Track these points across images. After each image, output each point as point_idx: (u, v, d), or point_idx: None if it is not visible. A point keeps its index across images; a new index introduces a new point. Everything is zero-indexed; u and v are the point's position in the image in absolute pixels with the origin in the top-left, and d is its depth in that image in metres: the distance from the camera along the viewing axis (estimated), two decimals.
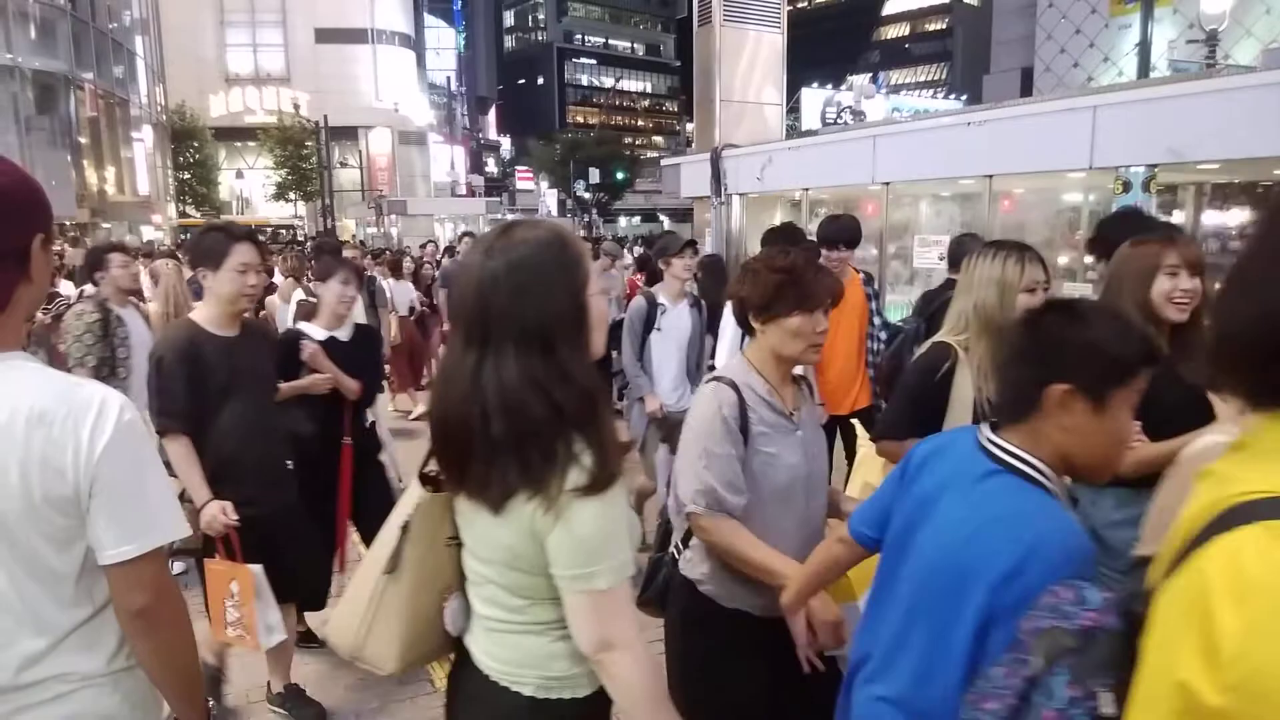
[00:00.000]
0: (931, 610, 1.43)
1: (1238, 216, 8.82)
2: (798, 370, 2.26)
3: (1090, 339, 1.39)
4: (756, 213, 11.09)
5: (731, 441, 2.02)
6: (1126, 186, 6.39)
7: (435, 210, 39.40)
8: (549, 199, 53.60)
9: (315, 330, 3.62)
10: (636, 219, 60.37)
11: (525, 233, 1.40)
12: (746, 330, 2.19)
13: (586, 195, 50.74)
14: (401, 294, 8.69)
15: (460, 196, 50.84)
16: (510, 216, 45.99)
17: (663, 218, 55.74)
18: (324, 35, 44.82)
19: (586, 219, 48.87)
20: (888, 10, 64.09)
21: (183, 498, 2.74)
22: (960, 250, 4.12)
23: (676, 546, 2.22)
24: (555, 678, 1.43)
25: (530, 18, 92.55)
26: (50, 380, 1.31)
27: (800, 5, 67.07)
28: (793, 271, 2.06)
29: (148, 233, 32.01)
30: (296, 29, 44.99)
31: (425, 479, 1.53)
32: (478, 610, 1.49)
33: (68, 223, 24.68)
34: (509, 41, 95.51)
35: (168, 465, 2.73)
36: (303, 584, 3.17)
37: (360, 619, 1.55)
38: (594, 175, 49.30)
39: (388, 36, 46.92)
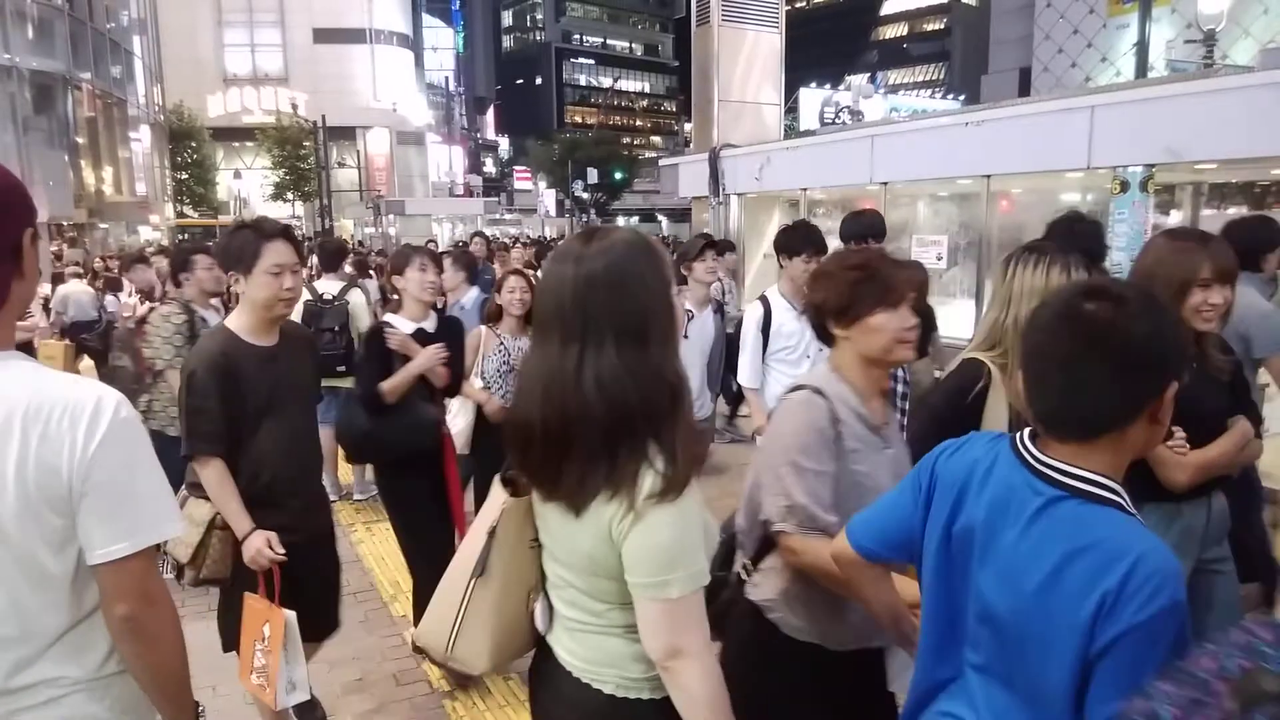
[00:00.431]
0: (1019, 659, 1.30)
1: (1236, 216, 8.81)
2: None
3: (1179, 327, 1.28)
4: (755, 213, 11.08)
5: (826, 457, 1.86)
6: (1124, 186, 6.39)
7: (433, 210, 39.39)
8: (547, 199, 53.56)
9: (402, 322, 3.50)
10: (635, 219, 60.27)
11: (614, 236, 1.45)
12: (825, 340, 2.02)
13: (585, 195, 50.70)
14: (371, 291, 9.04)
15: (458, 196, 50.82)
16: (509, 216, 45.98)
17: (661, 218, 55.73)
18: (322, 35, 44.78)
19: (584, 219, 48.86)
20: (886, 10, 64.10)
21: (214, 524, 2.57)
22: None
23: (744, 568, 2.03)
24: (634, 678, 1.47)
25: (528, 17, 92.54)
26: (46, 378, 1.30)
27: (798, 5, 67.07)
28: (869, 267, 1.94)
29: (145, 233, 31.99)
30: (294, 29, 44.96)
31: (506, 482, 1.57)
32: (560, 611, 1.54)
33: (65, 223, 24.67)
34: (507, 41, 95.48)
35: (198, 486, 2.60)
36: (325, 616, 2.94)
37: (451, 622, 1.59)
38: (592, 175, 49.29)
39: (386, 36, 46.88)
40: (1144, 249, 2.44)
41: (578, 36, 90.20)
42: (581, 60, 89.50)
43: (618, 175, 52.99)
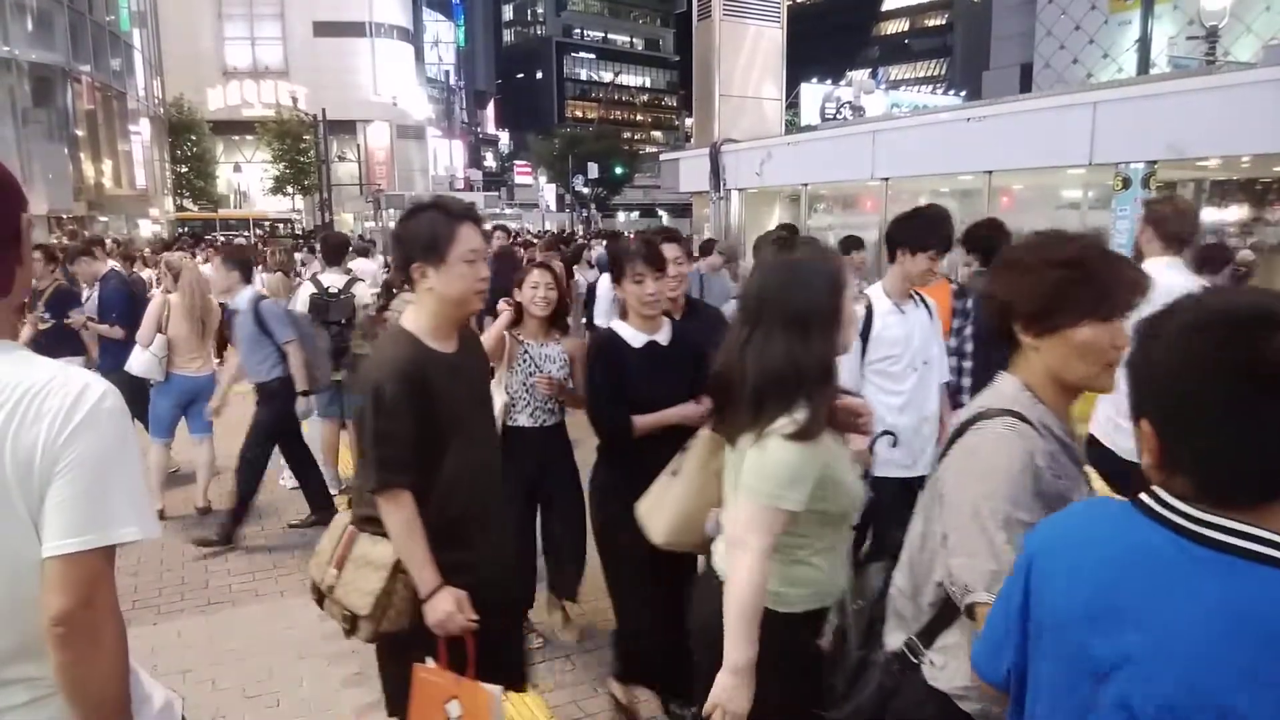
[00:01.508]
0: None
1: (1237, 213, 8.82)
2: None
3: None
4: (756, 207, 11.07)
5: (1040, 504, 1.46)
6: (1126, 183, 6.38)
7: None
8: (547, 194, 53.50)
9: (629, 332, 2.86)
10: (635, 214, 60.30)
11: (801, 249, 1.94)
12: (1002, 344, 1.63)
13: (585, 190, 50.64)
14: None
15: (458, 191, 50.75)
16: (509, 211, 46.14)
17: (661, 213, 55.69)
18: (322, 29, 44.69)
19: (585, 214, 48.81)
20: (887, 5, 63.95)
21: (399, 568, 2.11)
22: None
23: (910, 646, 1.65)
24: (768, 590, 1.79)
25: (529, 12, 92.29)
26: (35, 366, 1.26)
27: (800, 0, 66.95)
28: (1083, 265, 1.50)
29: (145, 226, 31.97)
30: (294, 22, 44.88)
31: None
32: (725, 527, 1.94)
33: (65, 216, 24.65)
34: (508, 35, 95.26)
35: (372, 521, 2.17)
36: (518, 667, 2.47)
37: (651, 502, 2.27)
38: (593, 170, 49.22)
39: (386, 30, 46.78)
40: None
41: (578, 31, 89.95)
42: (582, 55, 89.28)
43: (618, 170, 52.97)
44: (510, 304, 3.45)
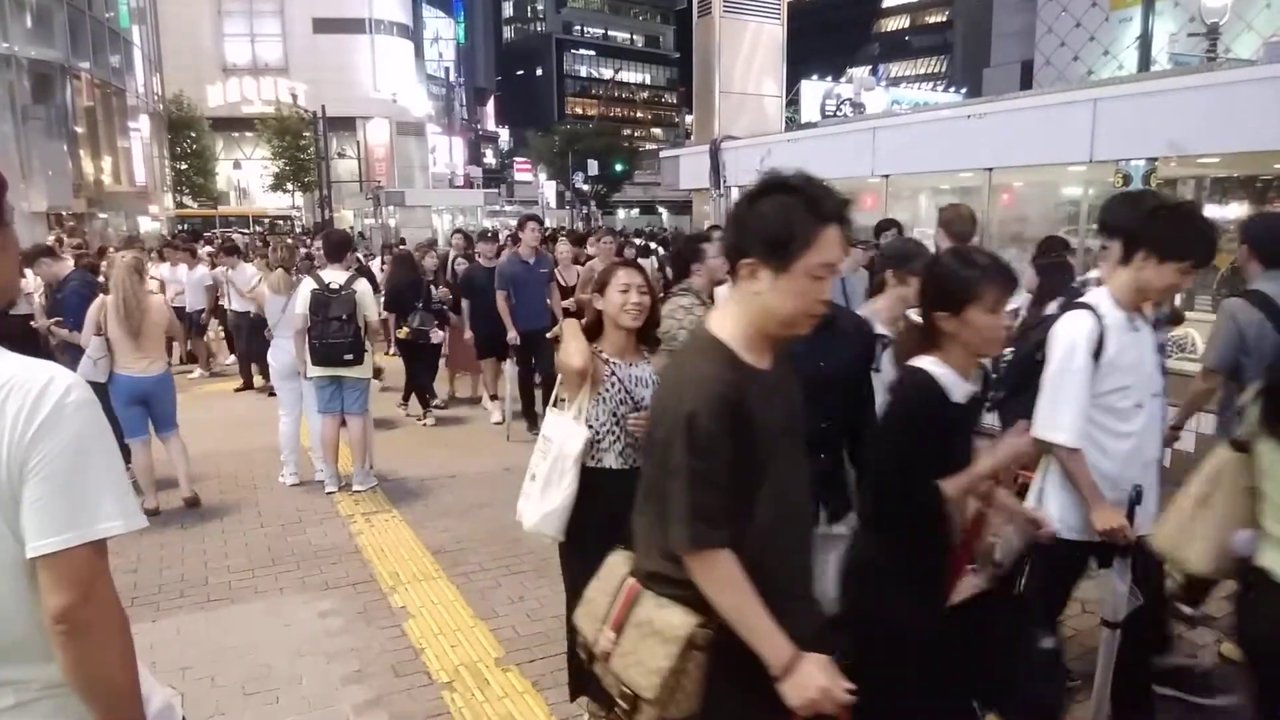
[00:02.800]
0: None
1: (1237, 210, 8.81)
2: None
3: None
4: None
5: None
6: (1126, 180, 6.37)
7: (433, 201, 39.25)
8: (547, 191, 53.42)
9: (950, 379, 2.14)
10: (635, 211, 60.24)
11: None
12: None
13: (585, 187, 50.60)
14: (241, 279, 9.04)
15: (458, 188, 50.71)
16: (509, 208, 45.98)
17: (661, 210, 55.65)
18: (322, 25, 44.61)
19: (585, 211, 48.78)
20: (888, 2, 63.84)
21: (693, 643, 1.66)
22: None
23: None
24: None
25: (529, 8, 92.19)
26: (3, 361, 1.23)
27: None
28: None
29: (144, 223, 31.95)
30: (294, 19, 44.79)
31: (1234, 444, 2.12)
32: (1269, 530, 1.96)
33: (64, 213, 24.63)
34: (508, 32, 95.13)
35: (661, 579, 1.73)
36: None
37: (1178, 532, 2.21)
38: (593, 167, 49.19)
39: (386, 27, 46.69)
40: None
41: (579, 27, 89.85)
42: (582, 51, 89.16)
43: (618, 167, 52.92)
44: (581, 307, 3.01)
